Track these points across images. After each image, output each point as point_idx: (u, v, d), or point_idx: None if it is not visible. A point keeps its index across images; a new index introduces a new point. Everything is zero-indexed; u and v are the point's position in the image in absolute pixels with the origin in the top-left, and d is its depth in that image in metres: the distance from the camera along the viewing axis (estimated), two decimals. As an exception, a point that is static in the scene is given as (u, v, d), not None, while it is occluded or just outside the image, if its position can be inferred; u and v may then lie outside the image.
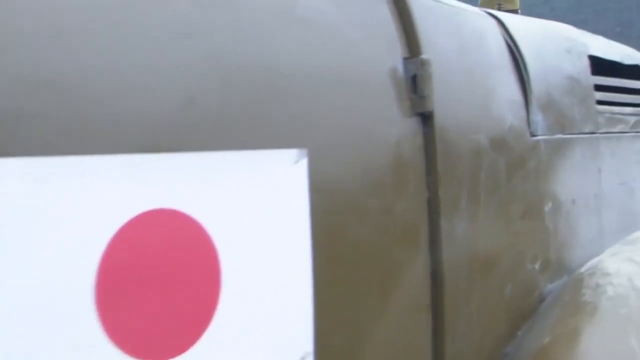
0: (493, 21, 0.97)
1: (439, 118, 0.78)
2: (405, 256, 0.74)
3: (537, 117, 0.97)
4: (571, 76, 1.09)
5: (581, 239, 1.07)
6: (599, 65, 1.23)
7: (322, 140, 0.65)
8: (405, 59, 0.76)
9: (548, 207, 0.97)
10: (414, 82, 0.76)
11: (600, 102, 1.17)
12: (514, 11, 3.04)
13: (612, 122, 1.21)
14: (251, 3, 0.60)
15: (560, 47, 1.10)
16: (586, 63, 1.14)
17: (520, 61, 0.96)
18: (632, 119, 1.29)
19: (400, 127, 0.75)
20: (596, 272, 0.95)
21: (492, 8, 2.95)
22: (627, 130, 1.27)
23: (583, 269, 0.99)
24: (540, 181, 0.96)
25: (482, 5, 2.90)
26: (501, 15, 1.00)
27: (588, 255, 1.06)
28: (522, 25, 1.04)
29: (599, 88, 1.18)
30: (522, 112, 0.94)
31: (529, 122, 0.95)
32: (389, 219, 0.72)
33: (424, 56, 0.76)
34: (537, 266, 0.95)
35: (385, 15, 0.76)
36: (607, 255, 1.01)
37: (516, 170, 0.92)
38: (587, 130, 1.10)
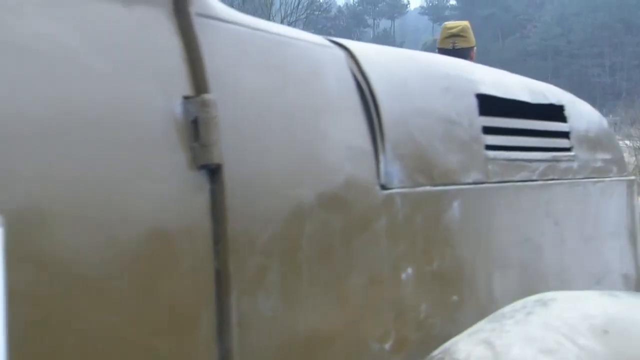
0: (340, 53, 0.83)
1: (232, 171, 0.64)
2: (177, 349, 0.59)
3: (392, 167, 0.82)
4: (448, 118, 0.94)
5: (457, 310, 0.91)
6: (498, 106, 1.08)
7: (35, 204, 0.51)
8: (185, 99, 0.63)
9: (407, 273, 0.82)
10: (195, 127, 0.62)
11: (492, 147, 1.02)
12: (470, 49, 3.05)
13: (511, 169, 1.06)
14: None
15: (434, 85, 0.96)
16: (472, 103, 1.00)
17: (370, 101, 0.82)
18: (541, 165, 1.14)
19: (175, 184, 0.61)
20: (445, 358, 0.78)
21: (448, 47, 3.06)
22: (532, 178, 1.12)
23: (436, 352, 0.82)
24: (395, 243, 0.81)
25: (440, 45, 3.05)
26: (355, 47, 0.86)
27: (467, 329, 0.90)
28: (382, 60, 0.90)
29: (491, 131, 1.03)
30: (369, 161, 0.79)
31: (379, 172, 0.80)
32: (152, 303, 0.57)
33: (206, 95, 0.63)
34: (387, 346, 0.79)
35: (163, 42, 0.63)
36: (466, 334, 0.85)
37: (359, 231, 0.77)
38: (470, 180, 0.95)
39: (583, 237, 1.25)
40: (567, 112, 1.26)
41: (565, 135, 1.25)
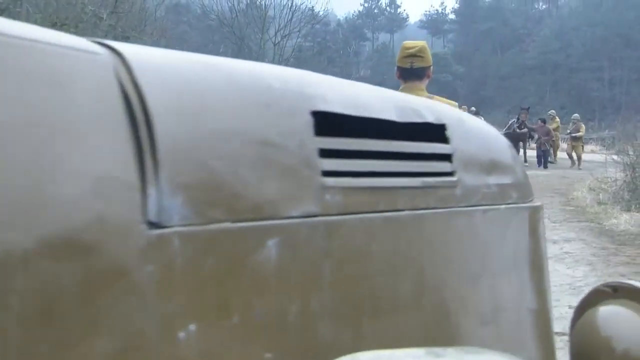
0: (105, 60, 0.70)
1: None
2: None
3: (171, 201, 0.69)
4: (265, 140, 0.81)
5: None
6: (353, 125, 0.95)
7: None
8: None
9: (188, 331, 0.68)
10: None
11: (331, 173, 0.89)
12: (427, 68, 3.18)
13: (362, 198, 0.93)
14: None
15: (248, 100, 0.82)
16: (304, 121, 0.86)
17: (141, 120, 0.69)
18: (407, 193, 1.00)
19: None
20: None
21: (406, 66, 3.24)
22: (394, 209, 0.98)
23: None
24: (171, 295, 0.67)
25: (398, 63, 3.19)
26: (132, 52, 0.72)
27: None
28: (171, 69, 0.77)
29: (332, 154, 0.90)
30: (130, 193, 0.66)
31: (145, 208, 0.67)
32: None
33: None
34: None
35: None
36: None
37: (107, 283, 0.63)
38: (296, 213, 0.82)
39: (467, 274, 1.11)
40: (450, 132, 1.13)
41: (446, 158, 1.11)
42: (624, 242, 6.44)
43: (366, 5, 67.47)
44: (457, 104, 3.29)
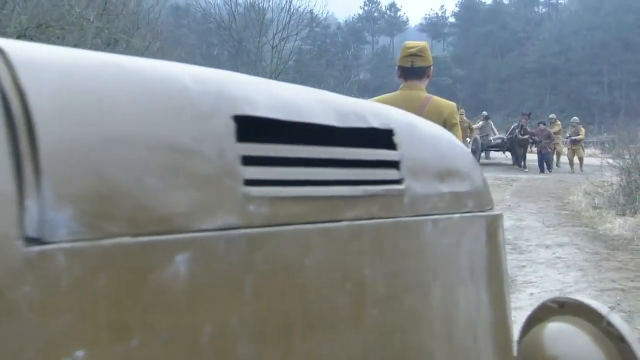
0: None
1: None
2: None
3: (56, 214, 0.62)
4: (176, 146, 0.75)
5: None
6: (291, 131, 0.89)
7: None
8: None
9: (74, 358, 0.62)
10: None
11: (256, 182, 0.82)
12: (427, 67, 3.19)
13: (292, 209, 0.87)
14: None
15: (158, 102, 0.76)
16: (224, 126, 0.80)
17: (21, 123, 0.63)
18: (345, 203, 0.94)
19: None
20: None
21: (407, 65, 3.20)
22: (329, 219, 0.92)
23: None
24: (53, 317, 0.61)
25: (399, 63, 3.18)
26: (16, 48, 0.66)
27: None
28: (62, 67, 0.71)
29: (257, 161, 0.84)
30: (4, 206, 0.60)
31: (23, 222, 0.61)
32: None
33: None
34: None
35: None
36: None
37: None
38: (213, 226, 0.76)
39: (416, 287, 1.05)
40: (399, 137, 1.07)
41: (393, 164, 1.05)
42: (617, 247, 6.37)
43: (366, 8, 67.52)
44: (455, 105, 3.24)
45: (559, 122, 17.47)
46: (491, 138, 18.19)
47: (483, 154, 18.88)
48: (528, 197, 10.63)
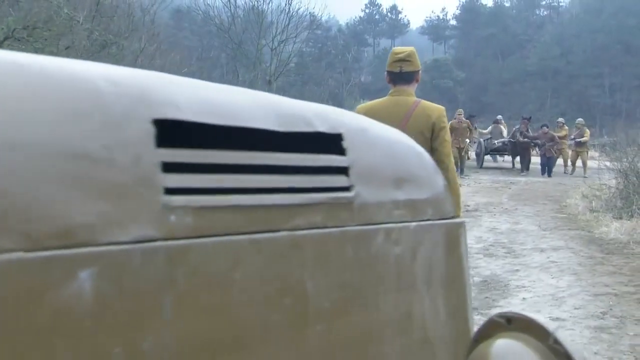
0: None
1: None
2: None
3: None
4: (80, 153, 0.70)
5: None
6: (228, 136, 0.84)
7: None
8: None
9: None
10: None
11: (180, 191, 0.77)
12: (416, 72, 3.24)
13: (223, 219, 0.82)
14: None
15: (62, 107, 0.71)
16: (141, 131, 0.75)
17: None
18: (285, 212, 0.89)
19: None
20: None
21: (395, 70, 3.26)
22: (266, 229, 0.86)
23: None
24: None
25: (388, 68, 3.29)
26: None
27: None
28: None
29: (182, 168, 0.79)
30: None
31: None
32: None
33: None
34: None
35: None
36: None
37: None
38: (127, 238, 0.71)
39: (365, 299, 1.00)
40: (349, 142, 1.02)
41: (341, 171, 1.00)
42: (612, 250, 6.31)
43: (367, 11, 67.54)
44: (443, 108, 3.23)
45: (566, 128, 17.23)
46: (495, 141, 18.10)
47: (490, 158, 18.78)
48: (526, 200, 10.56)
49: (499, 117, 19.56)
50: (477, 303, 4.41)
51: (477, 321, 3.99)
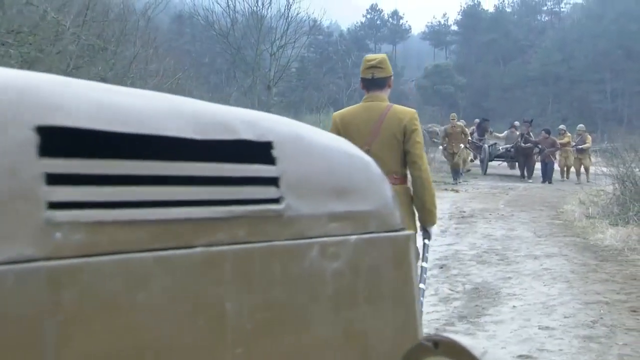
0: None
1: None
2: None
3: None
4: None
5: None
6: (136, 145, 0.77)
7: None
8: None
9: None
10: None
11: (68, 205, 0.71)
12: (388, 78, 3.32)
13: (125, 236, 0.75)
14: None
15: None
16: (19, 139, 0.68)
17: None
18: (201, 226, 0.82)
19: None
20: None
21: (368, 77, 3.31)
22: (177, 245, 0.80)
23: None
24: None
25: (361, 75, 3.32)
26: None
27: None
28: None
29: (71, 180, 0.72)
30: None
31: None
32: None
33: None
34: None
35: None
36: None
37: None
38: (4, 259, 0.64)
39: (297, 316, 0.94)
40: (279, 151, 0.95)
41: (270, 181, 0.93)
42: (607, 258, 6.24)
43: (369, 16, 67.59)
44: (415, 111, 3.24)
45: (568, 134, 17.04)
46: (499, 147, 17.96)
47: (497, 164, 18.56)
48: (522, 206, 10.48)
49: (517, 123, 19.20)
50: (467, 311, 4.34)
51: (466, 330, 3.92)
